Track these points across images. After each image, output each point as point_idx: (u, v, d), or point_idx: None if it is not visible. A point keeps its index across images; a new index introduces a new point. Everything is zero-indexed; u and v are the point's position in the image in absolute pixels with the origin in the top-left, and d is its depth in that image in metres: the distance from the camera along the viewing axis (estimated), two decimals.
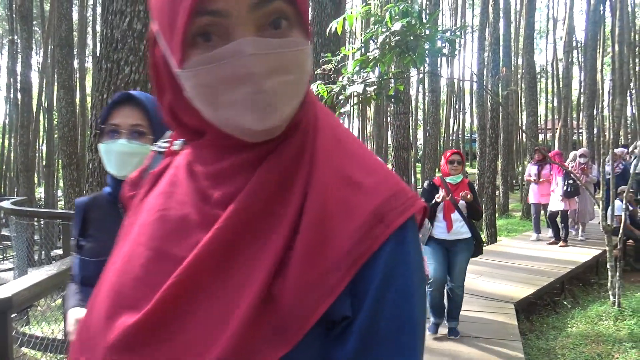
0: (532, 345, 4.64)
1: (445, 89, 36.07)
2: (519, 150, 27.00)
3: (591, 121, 15.22)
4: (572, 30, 21.93)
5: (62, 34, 10.75)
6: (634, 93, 24.61)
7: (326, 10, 5.11)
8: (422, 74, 5.51)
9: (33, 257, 5.77)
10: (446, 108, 35.71)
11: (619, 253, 5.75)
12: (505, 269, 6.53)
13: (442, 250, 4.09)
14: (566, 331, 4.96)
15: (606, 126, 10.40)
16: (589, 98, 15.40)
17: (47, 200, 21.34)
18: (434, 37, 3.35)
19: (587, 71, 15.59)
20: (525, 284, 5.70)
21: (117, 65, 3.87)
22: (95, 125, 3.95)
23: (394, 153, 10.38)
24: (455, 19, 32.92)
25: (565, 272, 6.29)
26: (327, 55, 3.57)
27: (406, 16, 3.19)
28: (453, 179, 4.11)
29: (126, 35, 3.86)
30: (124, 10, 3.87)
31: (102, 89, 3.91)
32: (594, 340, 4.59)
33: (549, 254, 7.35)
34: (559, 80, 27.22)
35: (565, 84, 19.47)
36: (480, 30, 13.31)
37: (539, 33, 37.57)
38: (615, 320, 4.99)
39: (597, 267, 7.35)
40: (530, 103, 13.65)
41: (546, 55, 38.49)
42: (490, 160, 10.39)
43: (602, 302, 5.61)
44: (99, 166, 3.86)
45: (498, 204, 15.08)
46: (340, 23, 3.40)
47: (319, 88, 3.57)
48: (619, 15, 15.61)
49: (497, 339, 4.10)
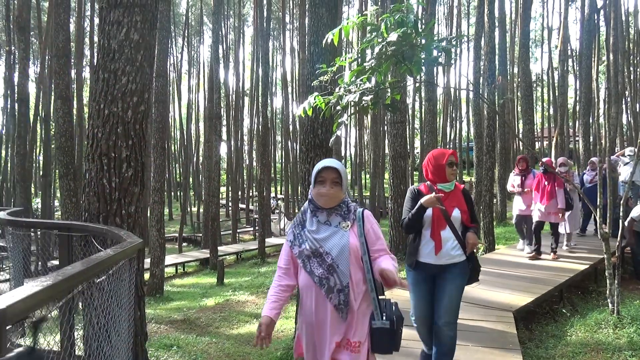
0: (532, 354, 4.61)
1: (442, 97, 36.29)
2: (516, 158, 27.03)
3: (587, 129, 15.28)
4: (567, 39, 22.07)
5: (60, 45, 10.76)
6: (629, 101, 24.77)
7: (322, 20, 5.14)
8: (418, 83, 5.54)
9: (30, 268, 5.71)
10: (443, 117, 35.88)
11: (617, 261, 5.74)
12: (504, 277, 6.51)
13: (428, 278, 3.29)
14: (565, 339, 4.94)
15: (602, 134, 10.44)
16: (584, 106, 15.48)
17: (44, 211, 21.25)
18: (430, 46, 3.36)
19: (583, 80, 15.70)
20: (524, 292, 5.68)
21: (114, 75, 3.88)
22: (93, 135, 3.94)
23: (392, 161, 10.41)
24: (450, 28, 33.15)
25: (564, 280, 6.28)
26: (322, 66, 3.58)
27: (402, 26, 3.21)
28: (447, 185, 3.31)
29: (123, 46, 3.87)
30: (121, 20, 3.89)
31: (99, 98, 3.91)
32: (593, 349, 4.57)
33: (547, 262, 7.34)
34: (555, 88, 27.37)
35: (561, 93, 19.56)
36: (476, 40, 13.42)
37: (534, 42, 37.91)
38: (615, 328, 4.97)
39: (595, 275, 7.34)
40: (527, 111, 13.71)
41: (542, 64, 38.84)
42: (487, 168, 10.41)
43: (601, 310, 5.60)
44: (95, 176, 3.85)
45: (495, 212, 15.10)
46: (337, 34, 3.42)
47: (316, 100, 3.58)
48: (613, 24, 15.75)
49: (497, 348, 4.08)
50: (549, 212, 7.26)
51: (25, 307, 1.40)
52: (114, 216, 3.86)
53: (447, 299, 3.20)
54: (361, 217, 2.34)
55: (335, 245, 2.25)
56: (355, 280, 2.25)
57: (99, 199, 3.86)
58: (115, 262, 2.55)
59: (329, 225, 2.30)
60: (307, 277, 2.28)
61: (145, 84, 4.01)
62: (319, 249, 2.25)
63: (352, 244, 2.25)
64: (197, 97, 41.16)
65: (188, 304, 7.87)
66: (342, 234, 2.27)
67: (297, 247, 2.32)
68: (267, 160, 24.72)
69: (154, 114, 12.61)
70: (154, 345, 5.23)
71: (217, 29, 18.36)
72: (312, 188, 2.33)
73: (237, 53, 36.94)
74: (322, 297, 2.24)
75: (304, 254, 2.28)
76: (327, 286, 2.22)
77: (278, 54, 39.88)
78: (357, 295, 2.25)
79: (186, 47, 39.68)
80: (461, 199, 3.30)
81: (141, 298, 4.08)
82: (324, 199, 2.29)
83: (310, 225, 2.33)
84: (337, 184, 2.29)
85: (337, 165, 2.29)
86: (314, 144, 5.13)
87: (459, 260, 3.22)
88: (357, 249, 2.27)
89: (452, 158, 3.33)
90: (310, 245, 2.27)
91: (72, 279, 1.79)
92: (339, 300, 2.21)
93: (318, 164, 2.33)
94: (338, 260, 2.23)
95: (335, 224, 2.30)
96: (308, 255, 2.27)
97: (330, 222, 2.31)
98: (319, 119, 5.03)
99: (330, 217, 2.32)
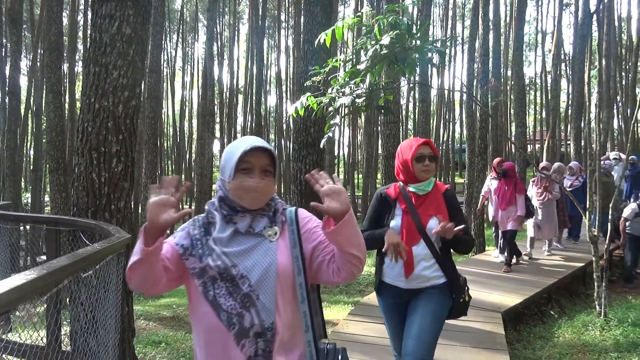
0: (519, 355, 4.64)
1: (435, 99, 36.39)
2: (508, 160, 27.22)
3: (579, 133, 15.38)
4: (561, 43, 22.24)
5: (52, 38, 10.67)
6: (620, 106, 24.99)
7: (317, 19, 5.14)
8: (412, 85, 5.55)
9: (18, 262, 5.67)
10: (436, 118, 35.99)
11: (605, 264, 5.79)
12: (493, 278, 6.55)
13: (400, 304, 2.60)
14: (553, 341, 4.97)
15: (593, 138, 10.52)
16: (576, 110, 15.59)
17: (33, 205, 21.05)
18: (423, 47, 3.37)
19: (575, 84, 15.81)
20: (512, 294, 5.72)
21: (106, 69, 3.85)
22: (83, 129, 3.91)
23: (384, 162, 10.42)
24: (445, 30, 33.28)
25: (553, 282, 6.33)
26: (315, 67, 3.57)
27: (395, 28, 3.22)
28: (421, 186, 2.54)
29: (115, 39, 3.84)
30: (113, 14, 3.85)
31: (89, 92, 3.88)
32: (580, 350, 4.61)
33: (536, 264, 7.39)
34: (548, 92, 27.57)
35: (553, 96, 19.69)
36: (470, 42, 13.48)
37: (528, 45, 38.14)
38: (602, 330, 5.01)
39: (584, 278, 7.40)
40: (519, 114, 13.77)
41: (535, 68, 39.08)
42: (479, 170, 10.47)
43: (588, 312, 5.65)
44: (84, 170, 3.82)
45: (486, 214, 15.17)
46: (329, 35, 3.41)
47: (309, 100, 3.58)
48: (606, 29, 15.89)
49: (484, 348, 4.10)
50: (508, 218, 6.89)
51: (8, 300, 1.39)
52: (103, 211, 3.83)
53: (417, 329, 2.43)
54: (294, 219, 1.56)
55: (256, 265, 1.45)
56: (284, 318, 1.46)
57: (88, 194, 3.83)
58: (103, 257, 2.53)
59: (249, 234, 1.50)
60: (208, 311, 1.44)
61: (136, 79, 3.98)
62: (230, 270, 1.44)
63: (281, 264, 1.48)
64: (190, 94, 40.99)
65: (177, 300, 7.84)
66: (267, 247, 1.49)
67: (196, 260, 1.47)
68: None
69: (147, 110, 12.55)
70: (142, 342, 5.20)
71: (211, 26, 18.31)
72: (230, 179, 1.48)
73: (232, 50, 36.82)
74: (232, 345, 1.42)
75: (206, 273, 1.45)
76: (240, 327, 1.42)
77: (273, 52, 39.81)
78: (287, 341, 1.47)
79: (181, 44, 39.49)
80: (441, 204, 2.53)
81: (129, 294, 4.05)
82: (251, 197, 1.48)
83: (221, 231, 1.50)
84: (269, 174, 1.51)
85: (267, 145, 1.51)
86: (306, 143, 5.13)
87: (435, 282, 2.51)
88: (288, 269, 1.49)
89: (424, 150, 2.54)
90: (216, 263, 1.44)
91: (57, 272, 1.78)
92: (256, 349, 1.42)
93: (236, 144, 1.51)
94: (259, 287, 1.43)
95: (259, 230, 1.51)
96: (213, 277, 1.45)
97: (253, 228, 1.50)
98: (311, 118, 5.03)
99: (254, 222, 1.51)
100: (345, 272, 1.47)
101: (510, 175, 6.97)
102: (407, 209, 2.52)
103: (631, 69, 25.77)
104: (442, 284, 2.52)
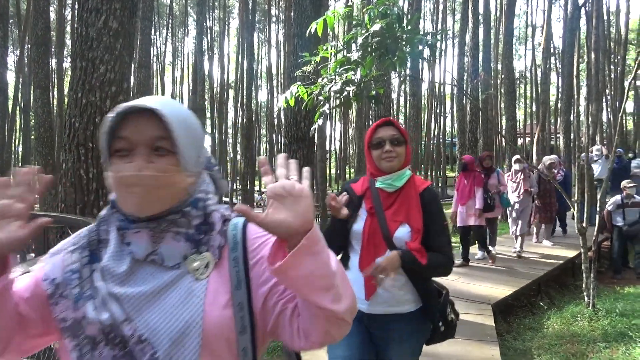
0: (509, 346, 4.68)
1: (426, 93, 36.49)
2: (498, 154, 27.39)
3: (568, 126, 15.50)
4: (550, 37, 22.36)
5: (39, 33, 10.56)
6: (609, 99, 25.21)
7: (306, 12, 5.12)
8: (402, 77, 5.55)
9: None
10: (427, 112, 36.11)
11: (593, 255, 5.85)
12: (483, 270, 6.60)
13: (361, 328, 1.95)
14: (542, 332, 5.02)
15: (583, 131, 10.60)
16: (566, 103, 15.69)
17: None
18: (414, 40, 3.37)
19: (565, 77, 15.90)
20: (502, 286, 5.76)
21: (92, 64, 3.81)
22: (70, 124, 3.87)
23: None
24: (436, 24, 33.33)
25: (542, 274, 6.39)
26: (305, 55, 3.56)
27: (385, 17, 3.21)
28: (388, 180, 1.95)
29: (102, 34, 3.80)
30: (99, 8, 3.81)
31: (76, 87, 3.84)
32: (568, 341, 4.66)
33: (526, 256, 7.45)
34: (538, 85, 27.75)
35: (543, 90, 19.83)
36: (460, 36, 13.53)
37: (518, 39, 38.29)
38: (590, 321, 5.07)
39: (573, 269, 7.48)
40: (509, 108, 13.85)
41: (525, 61, 39.31)
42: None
43: (577, 303, 5.71)
44: (72, 166, 3.79)
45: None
46: (320, 24, 3.39)
47: (299, 90, 3.56)
48: (595, 23, 15.99)
49: (475, 340, 4.13)
50: (469, 214, 6.59)
51: None
52: (91, 207, 3.81)
53: None
54: (240, 241, 0.92)
55: (166, 321, 0.83)
56: None
57: (76, 190, 3.80)
58: None
59: (157, 266, 0.88)
60: None
61: (124, 73, 3.95)
62: (120, 327, 0.82)
63: (210, 319, 0.85)
64: (181, 89, 40.77)
65: None
66: (188, 288, 0.86)
67: (69, 305, 0.86)
68: (252, 154, 24.60)
69: None
70: None
71: (201, 20, 18.19)
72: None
73: (222, 45, 36.64)
74: None
75: (82, 329, 0.84)
76: None
77: (263, 46, 39.66)
78: None
79: (170, 38, 39.20)
80: (415, 207, 1.91)
81: None
82: (131, 196, 0.85)
83: (115, 257, 0.88)
84: (168, 153, 0.87)
85: (157, 105, 0.85)
86: (296, 137, 5.12)
87: (408, 309, 1.91)
88: (225, 327, 0.86)
89: (383, 132, 1.96)
90: (100, 314, 0.83)
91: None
92: None
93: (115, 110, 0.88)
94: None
95: (174, 263, 0.88)
96: (92, 339, 0.83)
97: (162, 256, 0.88)
98: (301, 112, 5.03)
99: (161, 244, 0.88)
100: (317, 333, 0.86)
101: (470, 168, 6.66)
102: (374, 209, 1.93)
103: (620, 62, 26.02)
104: (414, 312, 1.92)
